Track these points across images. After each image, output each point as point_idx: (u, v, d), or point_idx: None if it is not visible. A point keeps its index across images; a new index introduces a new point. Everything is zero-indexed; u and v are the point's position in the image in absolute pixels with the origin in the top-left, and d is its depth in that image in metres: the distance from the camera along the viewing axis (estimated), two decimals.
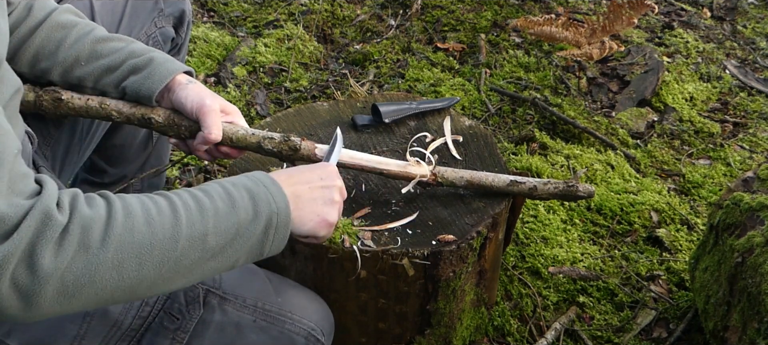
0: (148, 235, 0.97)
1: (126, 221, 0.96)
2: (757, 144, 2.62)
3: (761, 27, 3.43)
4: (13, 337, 1.15)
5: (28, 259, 0.89)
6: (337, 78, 2.94)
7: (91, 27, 1.38)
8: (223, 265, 1.06)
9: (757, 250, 1.50)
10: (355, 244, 1.40)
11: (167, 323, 1.23)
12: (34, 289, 0.89)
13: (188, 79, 1.38)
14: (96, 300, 0.95)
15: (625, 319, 1.90)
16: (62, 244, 0.91)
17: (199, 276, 1.05)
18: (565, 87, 2.91)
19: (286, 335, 1.30)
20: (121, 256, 0.95)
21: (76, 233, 0.92)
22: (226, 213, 1.05)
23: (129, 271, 0.96)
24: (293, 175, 1.20)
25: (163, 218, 0.99)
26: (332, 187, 1.22)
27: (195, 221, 1.01)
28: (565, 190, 1.53)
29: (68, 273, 0.91)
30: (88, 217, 0.94)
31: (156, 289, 1.01)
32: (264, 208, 1.08)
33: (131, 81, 1.35)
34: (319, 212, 1.19)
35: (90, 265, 0.92)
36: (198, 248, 1.01)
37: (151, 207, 1.00)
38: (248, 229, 1.06)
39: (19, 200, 0.90)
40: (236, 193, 1.08)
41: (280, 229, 1.10)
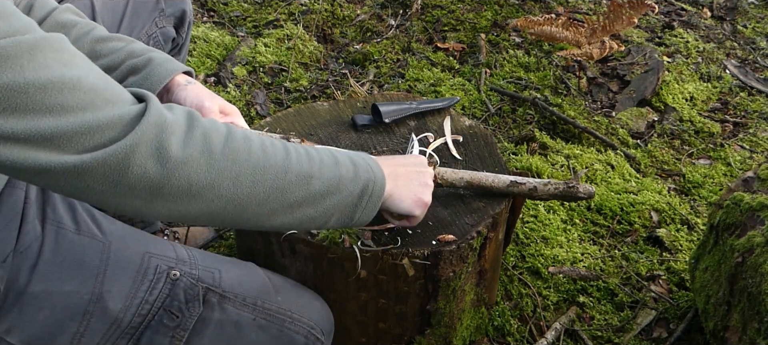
0: (263, 159, 1.04)
1: (245, 141, 1.03)
2: (757, 144, 2.62)
3: (761, 27, 3.43)
4: (13, 334, 1.16)
5: (156, 152, 0.93)
6: (337, 78, 2.94)
7: (90, 27, 1.38)
8: (318, 217, 1.12)
9: (757, 250, 1.50)
10: (355, 244, 1.40)
11: (167, 321, 1.23)
12: (166, 181, 0.94)
13: (187, 79, 1.38)
14: (213, 207, 1.00)
15: (625, 319, 1.91)
16: (187, 140, 0.96)
17: (297, 221, 1.10)
18: (565, 87, 2.91)
19: (286, 334, 1.30)
20: (238, 169, 1.00)
21: (199, 136, 0.97)
22: (331, 165, 1.12)
23: (243, 186, 1.01)
24: (391, 158, 1.32)
25: (276, 150, 1.06)
26: (426, 172, 1.33)
27: (303, 161, 1.09)
28: (565, 190, 1.53)
29: (193, 171, 0.96)
30: (209, 126, 1.00)
31: (260, 219, 1.06)
32: (363, 173, 1.16)
33: (130, 81, 1.35)
34: (416, 192, 1.29)
35: (211, 169, 0.98)
36: (303, 187, 1.08)
37: (266, 140, 1.07)
38: (347, 187, 1.13)
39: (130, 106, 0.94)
40: (339, 155, 1.16)
41: (374, 197, 1.18)
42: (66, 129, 0.88)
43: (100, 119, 0.90)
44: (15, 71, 0.83)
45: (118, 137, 0.91)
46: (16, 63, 0.83)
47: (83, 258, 1.20)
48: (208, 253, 1.37)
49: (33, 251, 1.17)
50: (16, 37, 0.83)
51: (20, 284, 1.15)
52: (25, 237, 1.17)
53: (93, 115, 0.89)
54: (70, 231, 1.21)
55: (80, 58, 0.93)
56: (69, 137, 0.88)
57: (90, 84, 0.90)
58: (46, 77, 0.85)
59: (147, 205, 0.97)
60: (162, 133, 0.94)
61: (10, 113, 0.84)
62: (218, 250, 2.01)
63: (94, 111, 0.90)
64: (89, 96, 0.89)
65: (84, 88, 0.89)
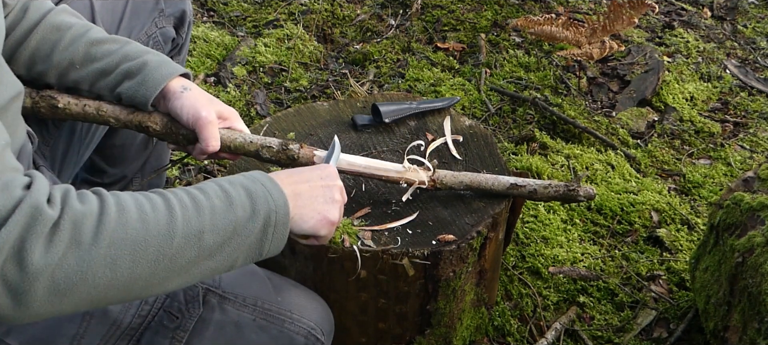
0: (143, 232, 0.94)
1: (119, 217, 0.93)
2: (757, 144, 2.62)
3: (761, 27, 3.43)
4: (12, 336, 1.15)
5: (17, 255, 0.86)
6: (337, 78, 2.94)
7: (86, 28, 1.36)
8: (221, 265, 1.04)
9: (757, 250, 1.50)
10: (355, 244, 1.40)
11: (167, 322, 1.23)
12: (24, 286, 0.87)
13: (183, 84, 1.36)
14: (89, 299, 0.93)
15: (625, 319, 1.90)
16: (53, 239, 0.88)
17: (197, 276, 1.03)
18: (566, 87, 2.91)
19: (286, 334, 1.29)
20: (114, 253, 0.92)
21: (68, 229, 0.89)
22: (223, 210, 1.02)
23: (123, 269, 0.93)
24: (293, 174, 1.20)
25: (158, 215, 0.97)
26: (333, 186, 1.21)
27: (191, 218, 0.99)
28: (565, 193, 1.53)
29: (59, 270, 0.88)
30: (80, 213, 0.91)
31: (152, 290, 0.99)
32: (262, 205, 1.06)
33: (126, 87, 1.33)
34: (320, 210, 1.18)
35: (82, 262, 0.90)
36: (194, 246, 0.99)
37: (145, 203, 0.97)
38: (246, 228, 1.04)
39: (7, 194, 0.87)
40: (233, 191, 1.06)
41: (279, 227, 1.08)
42: None
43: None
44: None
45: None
46: None
47: None
48: None
49: None
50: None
51: None
52: None
53: None
54: None
55: None
56: None
57: None
58: None
59: (13, 312, 0.88)
60: (29, 233, 0.86)
61: None
62: None
63: None
64: None
65: None
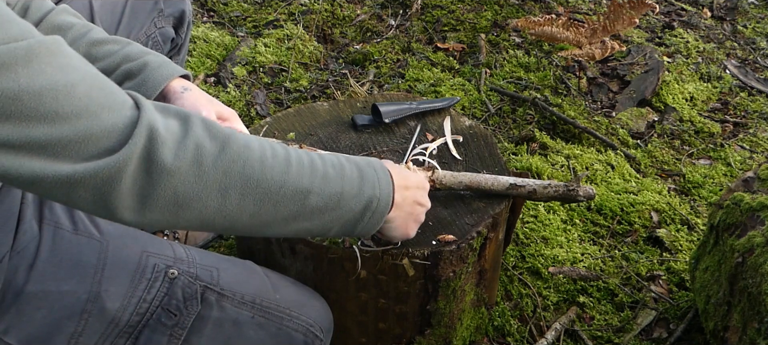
0: (258, 171, 1.01)
1: (242, 151, 1.00)
2: (757, 144, 2.62)
3: (761, 27, 3.43)
4: (11, 334, 1.16)
5: (145, 161, 0.92)
6: (337, 78, 2.94)
7: (87, 29, 1.37)
8: (316, 229, 1.11)
9: (757, 250, 1.50)
10: (355, 244, 1.40)
11: (165, 319, 1.23)
12: (152, 190, 0.93)
13: (183, 85, 1.37)
14: (200, 219, 0.99)
15: (625, 319, 1.90)
16: (178, 151, 0.95)
17: (293, 231, 1.09)
18: (566, 87, 2.91)
19: (285, 332, 1.30)
20: (227, 182, 0.98)
21: (191, 146, 0.96)
22: (333, 180, 1.09)
23: (231, 200, 0.99)
24: (406, 178, 1.25)
25: (276, 161, 1.04)
26: (424, 208, 1.30)
27: (303, 175, 1.06)
28: (565, 193, 1.53)
29: (181, 182, 0.95)
30: (202, 135, 0.98)
31: (254, 229, 1.05)
32: (368, 189, 1.13)
33: (125, 87, 1.33)
34: (408, 227, 1.28)
35: (200, 180, 0.96)
36: (298, 202, 1.05)
37: (268, 148, 1.04)
38: (348, 203, 1.11)
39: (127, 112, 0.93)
40: (348, 166, 1.13)
41: (377, 214, 1.15)
42: (60, 137, 0.87)
43: (95, 127, 0.89)
44: (9, 79, 0.82)
45: (112, 148, 0.91)
46: (11, 70, 0.82)
47: (80, 258, 1.20)
48: (206, 252, 1.37)
49: (30, 251, 1.17)
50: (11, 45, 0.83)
51: (17, 284, 1.15)
52: (22, 237, 1.17)
53: (87, 122, 0.89)
54: (67, 231, 1.21)
55: (77, 60, 0.92)
56: (63, 145, 0.88)
57: (85, 89, 0.89)
58: (40, 84, 0.85)
59: (135, 215, 0.96)
60: (153, 143, 0.93)
61: (5, 120, 0.84)
62: (218, 249, 2.01)
63: (89, 118, 0.89)
64: (84, 102, 0.89)
65: (79, 93, 0.88)
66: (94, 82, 0.92)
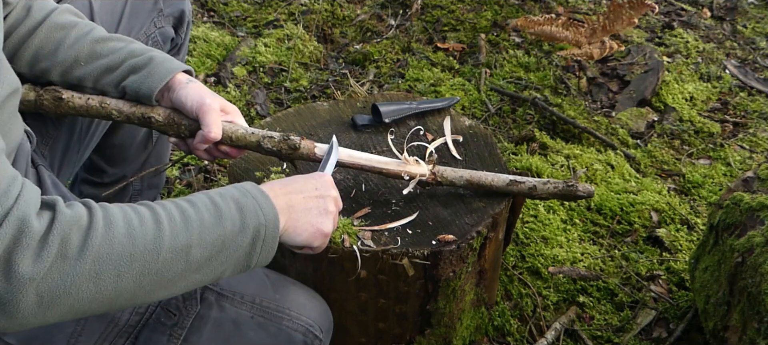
0: (129, 247, 0.95)
1: (106, 232, 0.94)
2: (757, 144, 2.62)
3: (761, 27, 3.43)
4: (10, 334, 1.16)
5: (4, 265, 0.86)
6: (337, 78, 2.94)
7: (90, 27, 1.38)
8: (208, 278, 1.05)
9: (757, 250, 1.50)
10: (355, 244, 1.40)
11: (164, 319, 1.23)
12: (10, 297, 0.87)
13: (188, 78, 1.39)
14: (73, 311, 0.93)
15: (625, 319, 1.90)
16: (40, 253, 0.88)
17: (183, 288, 1.03)
18: (565, 87, 2.91)
19: (284, 332, 1.30)
20: (98, 268, 0.92)
21: (55, 242, 0.89)
22: (212, 225, 1.03)
23: (107, 283, 0.93)
24: (287, 184, 1.20)
25: (145, 229, 0.97)
26: (327, 197, 1.21)
27: (179, 233, 0.99)
28: (564, 189, 1.53)
29: (44, 283, 0.88)
30: (68, 226, 0.91)
31: (137, 301, 0.99)
32: (251, 220, 1.06)
33: (131, 80, 1.35)
34: (313, 223, 1.18)
35: (66, 276, 0.90)
36: (181, 260, 0.99)
37: (133, 217, 0.97)
38: (235, 242, 1.05)
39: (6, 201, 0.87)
40: (223, 204, 1.06)
41: (268, 241, 1.09)
42: None
43: None
44: None
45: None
46: None
47: None
48: None
49: None
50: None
51: None
52: None
53: None
54: None
55: None
56: None
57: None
58: None
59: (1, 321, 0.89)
60: (16, 245, 0.86)
61: None
62: None
63: None
64: None
65: None
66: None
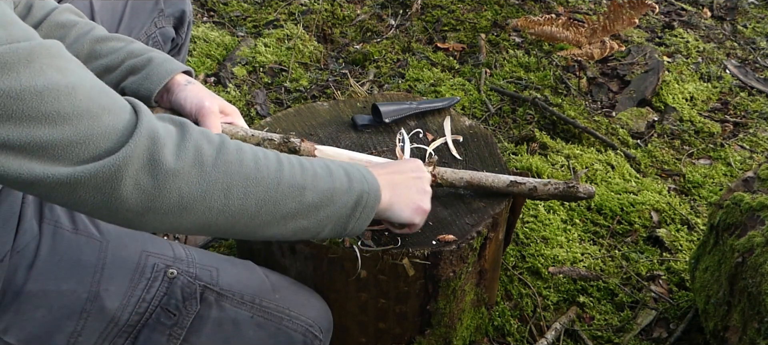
0: (255, 170, 1.03)
1: (237, 152, 1.03)
2: (757, 144, 2.62)
3: (761, 27, 3.43)
4: (10, 333, 1.16)
5: (148, 164, 0.93)
6: (337, 78, 2.94)
7: (90, 27, 1.38)
8: (312, 228, 1.12)
9: (757, 250, 1.50)
10: (355, 244, 1.40)
11: (164, 319, 1.23)
12: (157, 192, 0.94)
13: (187, 79, 1.38)
14: (203, 219, 1.00)
15: (625, 319, 1.90)
16: (179, 152, 0.96)
17: (292, 231, 1.10)
18: (566, 87, 2.91)
19: (284, 332, 1.30)
20: (229, 181, 1.00)
21: (191, 148, 0.97)
22: (324, 177, 1.12)
23: (235, 198, 1.01)
24: (388, 166, 1.31)
25: (269, 162, 1.06)
26: (424, 178, 1.31)
27: (296, 173, 1.08)
28: (565, 190, 1.53)
29: (185, 182, 0.96)
30: (199, 137, 1.00)
31: (254, 230, 1.06)
32: (357, 185, 1.15)
33: (130, 81, 1.35)
34: (414, 199, 1.28)
35: (203, 181, 0.98)
36: (296, 198, 1.07)
37: (259, 151, 1.07)
38: (341, 199, 1.13)
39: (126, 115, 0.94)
40: (333, 166, 1.15)
41: (368, 208, 1.17)
42: (61, 138, 0.87)
43: (95, 128, 0.90)
44: (11, 78, 0.83)
45: (111, 149, 0.91)
46: (12, 70, 0.83)
47: (80, 257, 1.20)
48: (206, 252, 1.37)
49: (30, 251, 1.17)
50: (13, 45, 0.83)
51: (17, 284, 1.15)
52: (23, 236, 1.17)
53: (88, 123, 0.89)
54: (67, 230, 1.21)
55: (76, 65, 0.92)
56: (64, 147, 0.88)
57: (85, 91, 0.90)
58: (42, 84, 0.85)
59: (139, 218, 0.96)
60: (154, 145, 0.94)
61: (6, 120, 0.84)
62: (218, 249, 2.01)
63: (90, 119, 0.89)
64: (84, 103, 0.89)
65: (79, 95, 0.89)
66: (94, 86, 0.92)
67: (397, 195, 1.25)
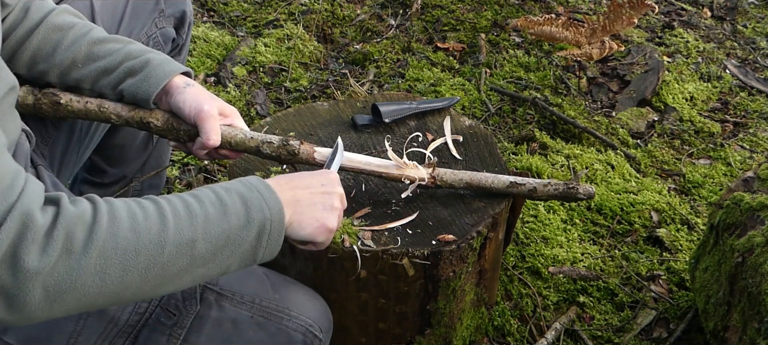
0: (133, 241, 0.95)
1: (110, 226, 0.94)
2: (757, 144, 2.62)
3: (761, 27, 3.43)
4: (10, 334, 1.15)
5: (10, 259, 0.87)
6: (337, 78, 2.94)
7: (88, 28, 1.37)
8: (214, 272, 1.05)
9: (757, 250, 1.50)
10: (355, 244, 1.40)
11: (164, 319, 1.23)
12: (17, 291, 0.88)
13: (186, 81, 1.37)
14: (79, 305, 0.94)
15: (625, 319, 1.90)
16: (46, 248, 0.89)
17: (189, 282, 1.03)
18: (566, 87, 2.91)
19: (284, 332, 1.30)
20: (104, 262, 0.93)
21: (60, 237, 0.90)
22: (217, 219, 1.03)
23: (112, 277, 0.94)
24: (293, 179, 1.20)
25: (150, 223, 0.97)
26: (333, 194, 1.21)
27: (183, 227, 1.00)
28: (564, 191, 1.53)
29: (50, 277, 0.89)
30: (72, 221, 0.92)
31: (142, 295, 1.00)
32: (256, 214, 1.07)
33: (128, 84, 1.34)
34: (318, 217, 1.18)
35: (72, 270, 0.90)
36: (186, 255, 1.00)
37: (138, 212, 0.98)
38: (240, 236, 1.05)
39: (2, 199, 0.88)
40: (228, 198, 1.06)
41: (274, 235, 1.09)
42: None
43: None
44: None
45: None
46: None
47: None
48: None
49: None
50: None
51: None
52: None
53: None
54: None
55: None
56: None
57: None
58: None
59: (6, 314, 0.89)
60: (21, 240, 0.87)
61: None
62: None
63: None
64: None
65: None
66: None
67: (299, 212, 1.16)
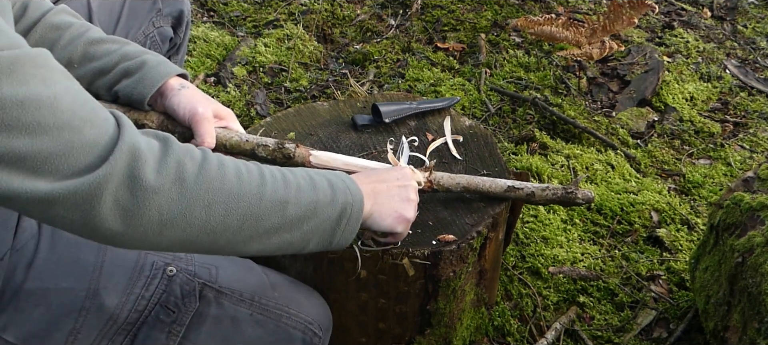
0: (237, 186, 1.02)
1: (219, 168, 1.02)
2: (757, 144, 2.62)
3: (761, 27, 3.43)
4: (9, 332, 1.16)
5: (127, 181, 0.92)
6: (337, 78, 2.94)
7: (85, 28, 1.36)
8: (296, 242, 1.10)
9: (757, 250, 1.50)
10: (355, 244, 1.39)
11: (163, 316, 1.23)
12: (136, 208, 0.93)
13: (181, 83, 1.36)
14: (183, 236, 0.99)
15: (625, 319, 1.90)
16: (160, 168, 0.95)
17: (275, 246, 1.09)
18: (566, 87, 2.90)
19: (283, 330, 1.30)
20: (211, 198, 0.99)
21: (173, 164, 0.96)
22: (308, 190, 1.11)
23: (216, 214, 1.00)
24: (371, 174, 1.30)
25: (251, 177, 1.05)
26: (408, 186, 1.30)
27: (279, 187, 1.07)
28: (563, 196, 1.52)
29: (165, 200, 0.95)
30: (182, 153, 0.99)
31: (234, 246, 1.05)
32: (341, 196, 1.14)
33: (123, 85, 1.33)
34: (396, 208, 1.26)
35: (184, 198, 0.97)
36: (278, 213, 1.06)
37: (241, 165, 1.06)
38: (325, 211, 1.12)
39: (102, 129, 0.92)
40: (317, 177, 1.14)
41: (352, 220, 1.16)
42: (40, 149, 0.86)
43: (76, 141, 0.88)
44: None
45: (92, 164, 0.90)
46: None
47: (79, 255, 1.20)
48: None
49: (29, 249, 1.17)
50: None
51: (16, 282, 1.15)
52: (22, 235, 1.17)
53: (69, 136, 0.88)
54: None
55: (61, 75, 0.91)
56: (43, 159, 0.86)
57: (68, 103, 0.89)
58: (24, 94, 0.84)
59: (118, 236, 0.95)
60: (135, 162, 0.92)
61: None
62: None
63: (71, 132, 0.88)
64: (66, 115, 0.88)
65: (62, 107, 0.87)
66: (78, 97, 0.91)
67: (379, 203, 1.24)
